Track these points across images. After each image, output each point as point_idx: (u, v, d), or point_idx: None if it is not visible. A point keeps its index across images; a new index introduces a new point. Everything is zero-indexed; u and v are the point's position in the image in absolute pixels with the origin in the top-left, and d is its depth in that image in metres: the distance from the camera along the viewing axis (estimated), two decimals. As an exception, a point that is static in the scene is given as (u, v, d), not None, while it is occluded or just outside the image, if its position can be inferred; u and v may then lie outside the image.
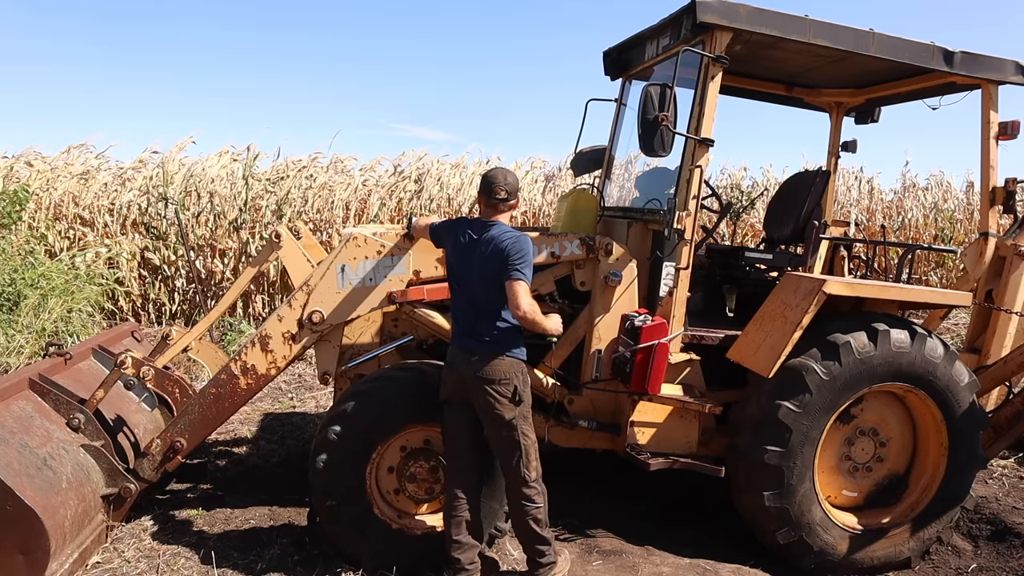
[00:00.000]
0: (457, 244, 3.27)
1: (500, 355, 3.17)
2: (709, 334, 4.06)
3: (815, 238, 4.65)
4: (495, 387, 3.15)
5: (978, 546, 4.21)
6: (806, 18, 3.75)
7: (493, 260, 3.12)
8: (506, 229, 3.20)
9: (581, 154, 5.08)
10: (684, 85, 3.80)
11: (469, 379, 3.18)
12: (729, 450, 3.87)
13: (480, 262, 3.16)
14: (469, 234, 3.24)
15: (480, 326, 3.19)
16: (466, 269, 3.23)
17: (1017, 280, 4.57)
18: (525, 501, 3.24)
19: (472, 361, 3.17)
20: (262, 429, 5.62)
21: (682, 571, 3.70)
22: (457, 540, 3.25)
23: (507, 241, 3.12)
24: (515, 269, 3.07)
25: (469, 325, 3.23)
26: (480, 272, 3.17)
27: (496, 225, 3.22)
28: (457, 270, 3.28)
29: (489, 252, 3.13)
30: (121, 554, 3.54)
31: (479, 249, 3.17)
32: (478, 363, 3.16)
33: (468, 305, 3.25)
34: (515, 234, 3.18)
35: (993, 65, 4.14)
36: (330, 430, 3.36)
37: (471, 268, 3.20)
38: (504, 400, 3.16)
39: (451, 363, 3.28)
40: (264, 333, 3.70)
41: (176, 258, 9.08)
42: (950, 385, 3.82)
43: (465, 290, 3.26)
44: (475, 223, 3.29)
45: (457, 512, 3.26)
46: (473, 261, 3.19)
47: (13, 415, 3.30)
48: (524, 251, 3.10)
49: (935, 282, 11.29)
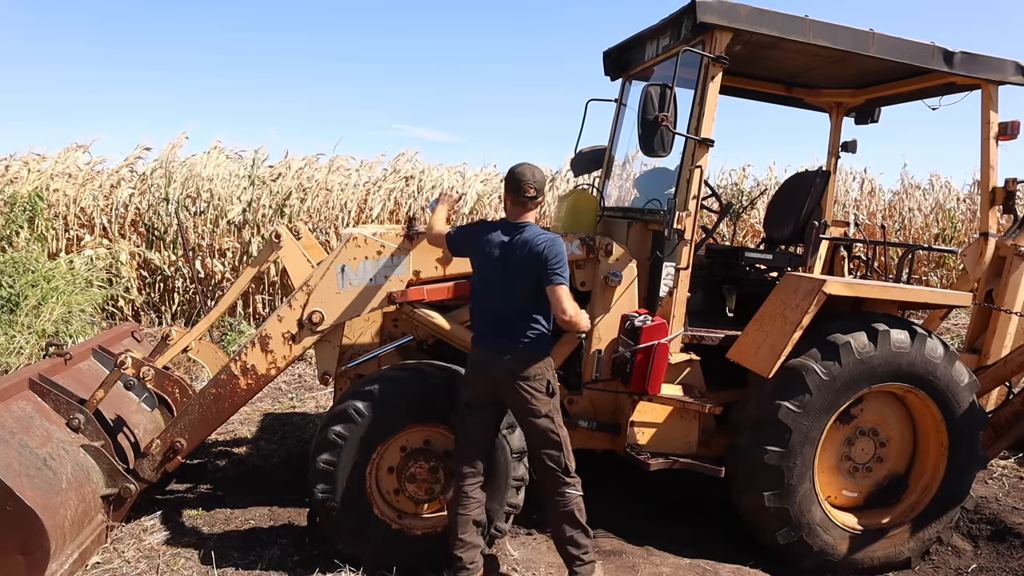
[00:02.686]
0: (486, 247, 3.24)
1: (535, 353, 3.21)
2: (709, 334, 4.06)
3: (815, 238, 4.65)
4: (531, 383, 3.18)
5: (978, 546, 4.21)
6: (806, 18, 3.75)
7: (530, 263, 3.13)
8: (539, 231, 3.22)
9: (581, 154, 5.08)
10: (684, 85, 3.80)
11: (502, 378, 3.17)
12: (729, 450, 3.87)
13: (516, 265, 3.16)
14: (500, 236, 3.23)
15: (514, 327, 3.20)
16: (499, 272, 3.21)
17: (1017, 280, 4.57)
18: (567, 491, 3.25)
19: (505, 360, 3.17)
20: (262, 429, 5.62)
21: (682, 571, 3.71)
22: (461, 539, 3.24)
23: (544, 244, 3.14)
24: (556, 273, 3.11)
25: (500, 326, 3.22)
26: (516, 275, 3.17)
27: (528, 226, 3.22)
28: (488, 273, 3.25)
29: (525, 255, 3.14)
30: (121, 554, 3.54)
31: (514, 252, 3.17)
32: (512, 362, 3.17)
33: (499, 306, 3.23)
34: (549, 236, 3.20)
35: (993, 65, 4.14)
36: (330, 430, 3.36)
37: (505, 271, 3.19)
38: (540, 394, 3.19)
39: (478, 364, 3.26)
40: (264, 333, 3.70)
41: (176, 258, 9.08)
42: (950, 385, 3.82)
43: (496, 292, 3.23)
44: (505, 225, 3.27)
45: (466, 511, 3.26)
46: (508, 264, 3.18)
47: (13, 415, 3.30)
48: (561, 254, 3.15)
49: (935, 282, 11.29)
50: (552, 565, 3.67)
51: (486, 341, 3.27)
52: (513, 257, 3.17)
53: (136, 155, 9.73)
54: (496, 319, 3.24)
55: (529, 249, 3.14)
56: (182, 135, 9.81)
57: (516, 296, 3.19)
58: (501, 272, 3.21)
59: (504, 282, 3.21)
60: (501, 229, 3.26)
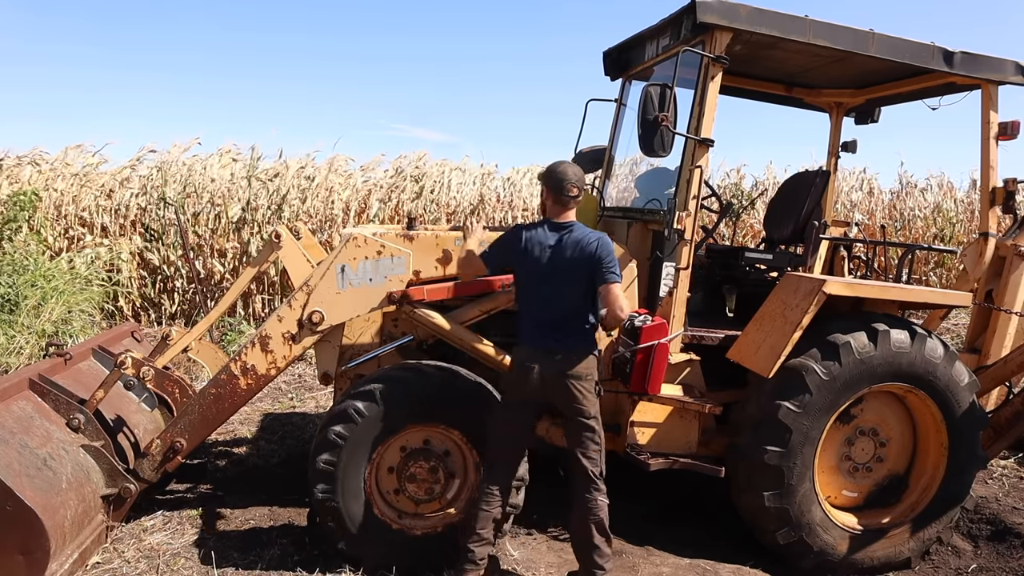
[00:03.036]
0: (533, 249, 3.22)
1: (585, 353, 3.23)
2: (709, 334, 4.06)
3: (815, 238, 4.65)
4: (582, 383, 3.19)
5: (978, 546, 4.21)
6: (806, 18, 3.75)
7: (583, 263, 3.16)
8: (587, 230, 3.24)
9: (581, 154, 5.08)
10: (684, 85, 3.80)
11: (552, 378, 3.18)
12: (729, 450, 3.87)
13: (567, 266, 3.17)
14: (547, 238, 3.22)
15: (565, 326, 3.21)
16: (548, 273, 3.20)
17: (1017, 280, 4.57)
18: (599, 497, 3.26)
19: (556, 360, 3.18)
20: (262, 429, 5.62)
21: (682, 571, 3.71)
22: (479, 534, 3.26)
23: (596, 244, 3.17)
24: (611, 272, 3.15)
25: (550, 326, 3.21)
26: (567, 275, 3.18)
27: (576, 226, 3.24)
28: (536, 274, 3.23)
29: (577, 255, 3.16)
30: (121, 554, 3.54)
31: (564, 253, 3.18)
32: (563, 362, 3.18)
33: (550, 307, 3.22)
34: (598, 235, 3.22)
35: (993, 65, 4.14)
36: (330, 430, 3.36)
37: (555, 272, 3.19)
38: (589, 395, 3.22)
39: (526, 364, 3.22)
40: (264, 333, 3.70)
41: (176, 258, 9.08)
42: (950, 385, 3.82)
43: (546, 293, 3.22)
44: (550, 225, 3.26)
45: (488, 508, 3.27)
46: (557, 265, 3.18)
47: (13, 415, 3.30)
48: (613, 252, 3.20)
49: (935, 282, 11.29)
50: (552, 565, 3.68)
51: (534, 341, 3.24)
52: (564, 258, 3.18)
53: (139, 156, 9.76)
54: (546, 320, 3.23)
55: (581, 249, 3.16)
56: (194, 139, 9.90)
57: (567, 296, 3.20)
58: (551, 273, 3.20)
59: (555, 283, 3.20)
60: (546, 230, 3.25)
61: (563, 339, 3.21)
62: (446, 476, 3.50)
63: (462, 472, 3.54)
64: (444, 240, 3.81)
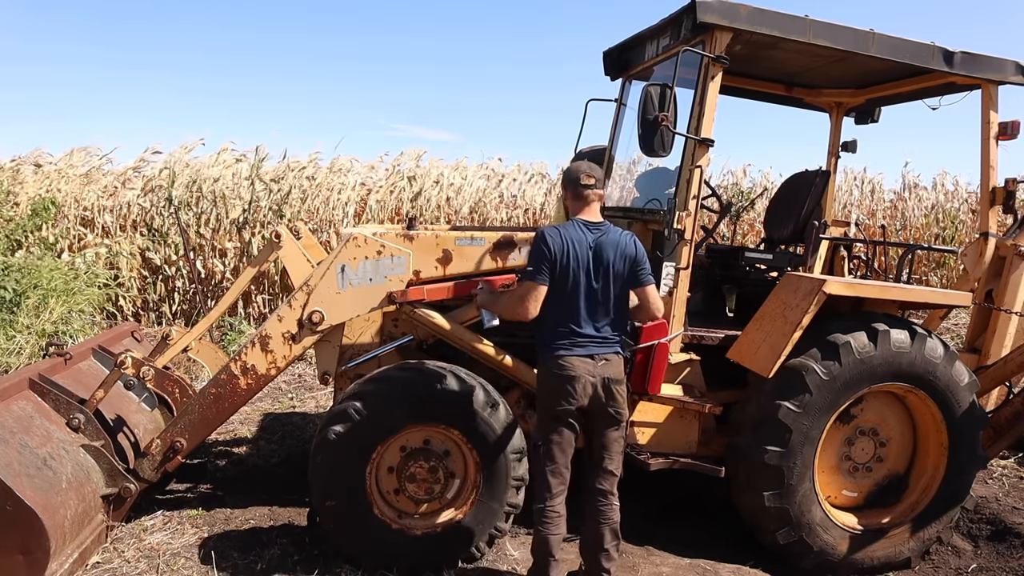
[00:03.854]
0: (574, 252, 3.12)
1: (622, 356, 3.22)
2: (709, 334, 4.06)
3: (815, 238, 4.65)
4: (623, 388, 3.19)
5: (978, 546, 4.21)
6: (806, 18, 3.75)
7: (623, 264, 3.16)
8: (619, 230, 3.24)
9: (581, 154, 5.08)
10: (684, 85, 3.80)
11: (603, 385, 3.14)
12: (729, 450, 3.87)
13: (609, 268, 3.15)
14: (586, 239, 3.15)
15: (609, 331, 3.19)
16: (591, 276, 3.14)
17: (1017, 280, 4.57)
18: (615, 501, 3.24)
19: (603, 365, 3.15)
20: (262, 429, 5.62)
21: (682, 571, 3.71)
22: (557, 558, 3.18)
23: (633, 245, 3.19)
24: (648, 273, 3.20)
25: (596, 330, 3.17)
26: (610, 278, 3.16)
27: (608, 226, 3.22)
28: (581, 277, 3.13)
29: (618, 257, 3.15)
30: (121, 554, 3.54)
31: (605, 254, 3.14)
32: (609, 366, 3.16)
33: (595, 309, 3.17)
34: (631, 235, 3.24)
35: (993, 65, 4.14)
36: (330, 430, 3.36)
37: (600, 273, 3.14)
38: (625, 399, 3.21)
39: (578, 371, 3.10)
40: (264, 333, 3.70)
41: (176, 258, 9.08)
42: (950, 385, 3.82)
43: (591, 295, 3.15)
44: (584, 225, 3.20)
45: (558, 529, 3.18)
46: (599, 267, 3.14)
47: (13, 415, 3.30)
48: (645, 254, 3.23)
49: (935, 282, 11.29)
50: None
51: (584, 347, 3.14)
52: (607, 260, 3.14)
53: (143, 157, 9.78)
54: (591, 325, 3.17)
55: (621, 251, 3.15)
56: (198, 140, 9.91)
57: (610, 299, 3.18)
58: (596, 275, 3.14)
59: (601, 285, 3.16)
60: (581, 230, 3.18)
61: (609, 344, 3.18)
62: (446, 476, 3.50)
63: (462, 472, 3.54)
64: (444, 240, 3.81)
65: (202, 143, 9.93)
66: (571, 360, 3.12)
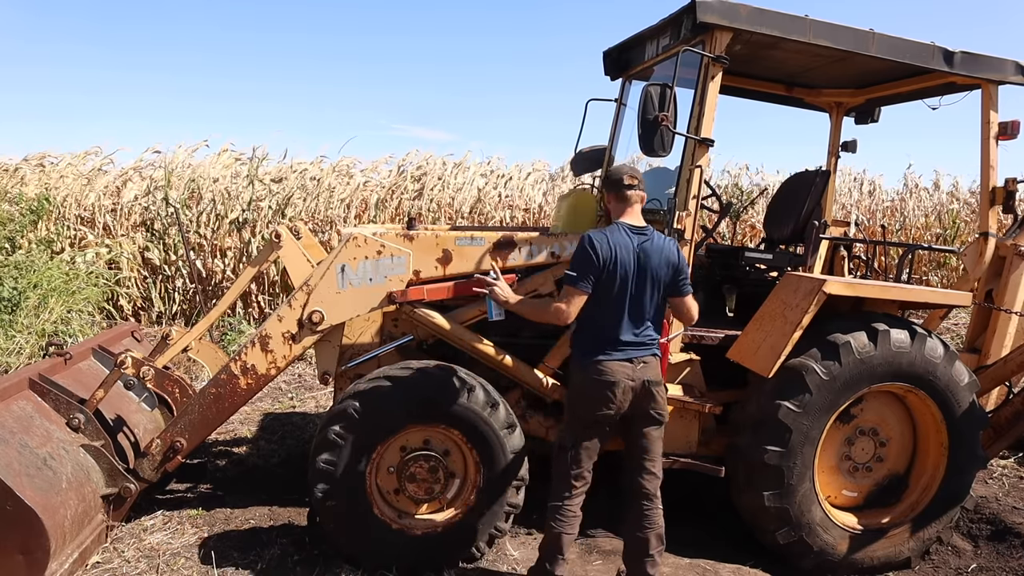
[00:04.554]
0: (622, 256, 3.10)
1: (657, 357, 3.25)
2: (709, 334, 4.06)
3: (815, 238, 4.65)
4: (662, 390, 3.23)
5: (978, 546, 4.21)
6: (806, 18, 3.75)
7: (666, 270, 3.18)
8: (663, 236, 3.26)
9: (581, 154, 5.09)
10: (684, 85, 3.80)
11: (642, 389, 3.15)
12: (729, 450, 3.87)
13: (655, 272, 3.16)
14: (632, 244, 3.14)
15: (648, 335, 3.21)
16: (635, 280, 3.14)
17: (1017, 280, 4.57)
18: (659, 505, 3.26)
19: (642, 368, 3.17)
20: (262, 429, 5.62)
21: (682, 571, 3.71)
22: (566, 558, 3.22)
23: (675, 252, 3.22)
24: (688, 283, 3.27)
25: (637, 334, 3.18)
26: (653, 282, 3.17)
27: (651, 231, 3.23)
28: (628, 281, 3.12)
29: (662, 262, 3.17)
30: (121, 554, 3.54)
31: (650, 260, 3.14)
32: (648, 369, 3.19)
33: (639, 314, 3.17)
34: (674, 241, 3.29)
35: (993, 65, 4.13)
36: (330, 430, 3.36)
37: (646, 278, 3.15)
38: (664, 399, 3.26)
39: (618, 376, 3.11)
40: (264, 333, 3.70)
41: (176, 258, 9.08)
42: (950, 385, 3.82)
43: (636, 300, 3.16)
44: (635, 230, 3.19)
45: (572, 530, 3.22)
46: (643, 272, 3.14)
47: (13, 415, 3.30)
48: (687, 261, 3.30)
49: (935, 282, 11.29)
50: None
51: (625, 351, 3.14)
52: (652, 265, 3.14)
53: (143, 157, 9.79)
54: (634, 328, 3.17)
55: (665, 257, 3.17)
56: (202, 141, 9.92)
57: (651, 303, 3.19)
58: (642, 280, 3.14)
59: (648, 290, 3.17)
60: (626, 234, 3.16)
61: (647, 348, 3.20)
62: (446, 476, 3.50)
63: (462, 472, 3.54)
64: (444, 240, 3.81)
65: (206, 144, 9.95)
66: (610, 365, 3.12)
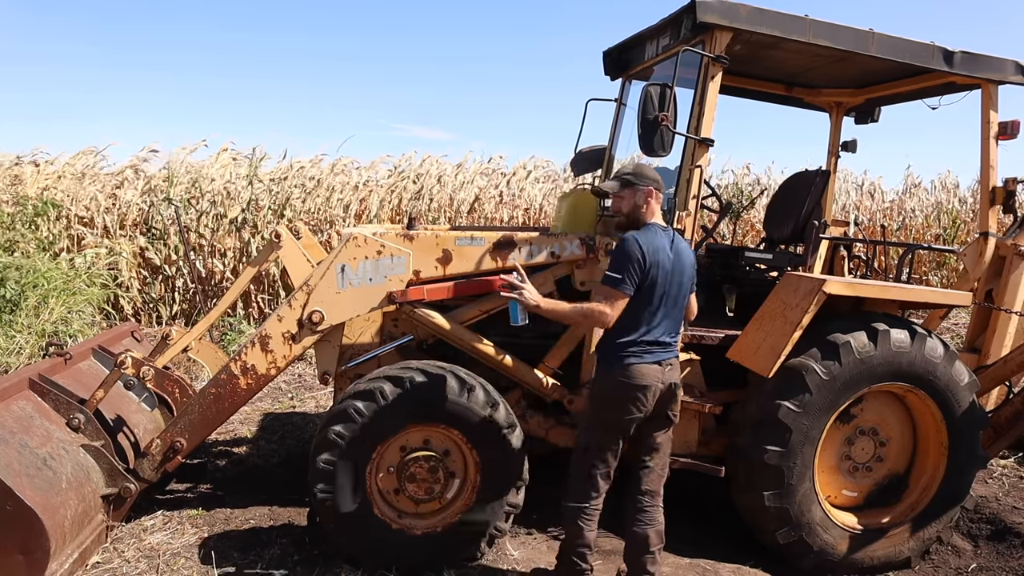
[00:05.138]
0: (662, 259, 3.09)
1: (679, 360, 3.31)
2: (709, 334, 4.06)
3: (815, 238, 4.65)
4: (681, 390, 3.28)
5: (978, 546, 4.21)
6: (806, 18, 3.75)
7: (691, 270, 3.25)
8: (685, 239, 3.30)
9: (581, 154, 5.08)
10: (684, 85, 3.80)
11: (668, 390, 3.18)
12: (729, 450, 3.87)
13: (685, 272, 3.19)
14: (666, 245, 3.13)
15: (674, 336, 3.23)
16: (676, 280, 3.15)
17: (1017, 280, 4.57)
18: (660, 503, 3.29)
19: (669, 370, 3.19)
20: (262, 429, 5.62)
21: (682, 571, 3.71)
22: (593, 552, 3.28)
23: (691, 250, 3.28)
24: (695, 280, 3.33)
25: (668, 336, 3.18)
26: (682, 284, 3.19)
27: (677, 233, 3.28)
28: (666, 283, 3.11)
29: (689, 264, 3.22)
30: (121, 554, 3.54)
31: (681, 261, 3.17)
32: (675, 371, 3.24)
33: (670, 316, 3.17)
34: (687, 240, 3.33)
35: (993, 65, 4.14)
36: (330, 430, 3.36)
37: (673, 280, 3.15)
38: (680, 401, 3.29)
39: (649, 379, 3.10)
40: (264, 333, 3.70)
41: (176, 258, 9.08)
42: (950, 385, 3.82)
43: (670, 301, 3.16)
44: (662, 231, 3.18)
45: (594, 527, 3.26)
46: (674, 273, 3.14)
47: (13, 415, 3.30)
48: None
49: (935, 282, 11.29)
50: (552, 565, 3.67)
51: (650, 356, 3.13)
52: (683, 265, 3.18)
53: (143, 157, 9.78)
54: (665, 331, 3.17)
55: (690, 258, 3.25)
56: (201, 141, 9.90)
57: (679, 304, 3.22)
58: (671, 284, 3.14)
59: (682, 291, 3.20)
60: (660, 235, 3.15)
61: (672, 348, 3.22)
62: (446, 476, 3.50)
63: (462, 472, 3.54)
64: (444, 240, 3.81)
65: (204, 144, 9.94)
66: (642, 369, 3.10)
